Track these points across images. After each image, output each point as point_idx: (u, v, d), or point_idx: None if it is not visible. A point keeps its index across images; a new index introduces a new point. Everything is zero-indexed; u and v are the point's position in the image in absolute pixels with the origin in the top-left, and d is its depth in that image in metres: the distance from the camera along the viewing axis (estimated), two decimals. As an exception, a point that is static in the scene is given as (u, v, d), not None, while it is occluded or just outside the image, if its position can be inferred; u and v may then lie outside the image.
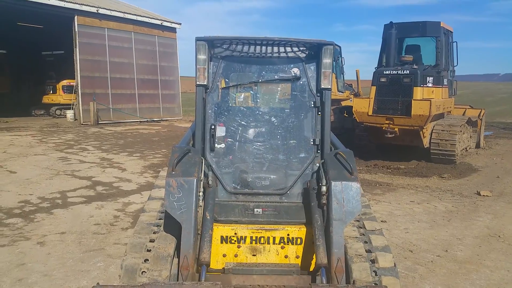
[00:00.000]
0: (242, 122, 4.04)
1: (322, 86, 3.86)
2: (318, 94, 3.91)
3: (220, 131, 4.01)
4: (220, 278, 3.37)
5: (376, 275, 3.45)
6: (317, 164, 3.83)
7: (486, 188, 8.93)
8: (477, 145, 14.49)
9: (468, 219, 6.85)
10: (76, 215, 6.60)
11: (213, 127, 3.83)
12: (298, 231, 3.64)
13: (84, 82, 20.77)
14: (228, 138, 4.03)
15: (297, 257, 3.65)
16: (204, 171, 3.72)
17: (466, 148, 13.18)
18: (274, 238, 3.64)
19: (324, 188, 3.51)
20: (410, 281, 4.58)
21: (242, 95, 4.23)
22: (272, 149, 4.05)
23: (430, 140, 11.61)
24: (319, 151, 3.89)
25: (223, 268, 3.47)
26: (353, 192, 3.46)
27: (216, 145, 3.91)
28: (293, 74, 3.96)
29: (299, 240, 3.65)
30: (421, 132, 11.30)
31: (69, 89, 22.81)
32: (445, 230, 6.29)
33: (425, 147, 11.66)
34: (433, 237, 5.98)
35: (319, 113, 3.91)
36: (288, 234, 3.63)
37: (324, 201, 3.48)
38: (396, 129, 11.48)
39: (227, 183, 3.87)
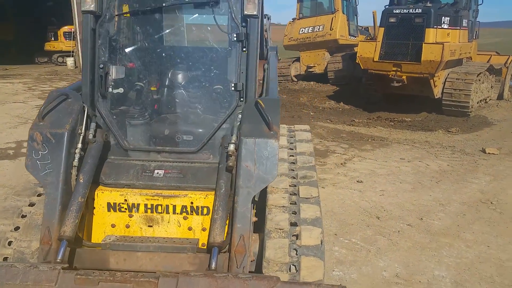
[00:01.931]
0: (146, 62, 3.23)
1: (246, 12, 2.95)
2: (244, 24, 3.00)
3: (117, 73, 3.21)
4: (92, 255, 2.74)
5: (296, 254, 2.74)
6: (240, 116, 3.02)
7: (495, 145, 7.87)
8: (500, 96, 13.02)
9: (461, 181, 5.95)
10: (21, 167, 6.10)
11: (101, 66, 3.03)
12: (204, 199, 2.92)
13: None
14: (126, 81, 3.25)
15: (203, 229, 2.95)
16: (93, 122, 2.97)
17: (485, 100, 11.85)
18: (174, 206, 2.95)
19: (231, 147, 2.73)
20: (362, 256, 3.86)
21: (146, 27, 3.37)
22: (183, 97, 3.27)
23: (442, 89, 10.38)
24: (242, 99, 3.05)
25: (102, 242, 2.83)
26: (268, 153, 2.68)
27: (111, 89, 3.14)
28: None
29: (205, 209, 2.95)
30: (431, 80, 10.08)
31: (70, 36, 22.06)
32: (429, 194, 5.44)
33: (436, 97, 10.48)
34: (412, 201, 5.16)
35: (244, 49, 3.02)
36: (192, 203, 2.93)
37: (231, 163, 2.71)
38: (404, 77, 10.29)
39: (123, 137, 3.13)
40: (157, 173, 3.05)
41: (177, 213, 2.98)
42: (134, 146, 3.18)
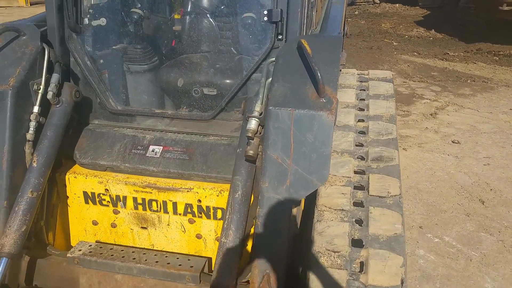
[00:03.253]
0: None
1: None
2: None
3: (97, -4, 2.14)
4: (58, 270, 1.92)
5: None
6: (271, 68, 1.85)
7: None
8: None
9: None
10: None
11: None
12: (218, 197, 1.89)
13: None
14: (116, 7, 2.20)
15: (218, 239, 1.97)
16: (56, 73, 1.99)
17: None
18: (174, 204, 1.99)
19: (252, 123, 1.61)
20: (460, 267, 2.66)
21: None
22: (212, 29, 2.19)
23: None
24: (280, 37, 1.86)
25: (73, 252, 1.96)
26: (315, 136, 1.54)
27: (88, 20, 2.10)
28: None
29: (219, 212, 1.93)
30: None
31: None
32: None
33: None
34: (532, 177, 3.69)
35: None
36: (199, 201, 1.93)
37: (251, 151, 1.62)
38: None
39: (108, 94, 2.14)
40: (153, 150, 2.05)
41: (180, 214, 2.01)
42: (124, 108, 2.18)
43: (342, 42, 1.77)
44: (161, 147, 2.06)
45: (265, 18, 1.87)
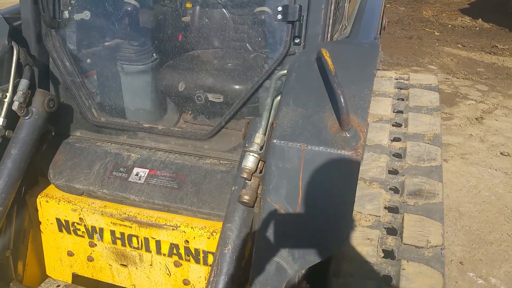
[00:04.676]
0: None
1: None
2: None
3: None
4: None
5: None
6: (281, 82, 1.45)
7: None
8: None
9: None
10: None
11: None
12: (209, 239, 1.52)
13: None
14: (99, 2, 1.84)
15: None
16: (24, 78, 1.65)
17: None
18: (158, 243, 1.62)
19: (249, 159, 1.20)
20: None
21: None
22: (226, 22, 1.96)
23: None
24: (297, 40, 1.43)
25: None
26: (333, 186, 1.10)
27: (68, 14, 1.75)
28: None
29: (210, 256, 1.55)
30: None
31: None
32: None
33: None
34: None
35: None
36: (186, 241, 1.56)
37: (247, 196, 1.21)
38: None
39: (90, 102, 1.79)
40: (137, 174, 1.69)
41: (164, 255, 1.65)
42: (107, 120, 1.82)
43: (379, 49, 1.32)
44: (147, 171, 1.69)
45: (279, 16, 1.45)
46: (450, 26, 8.73)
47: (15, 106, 1.60)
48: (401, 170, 1.89)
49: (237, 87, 1.82)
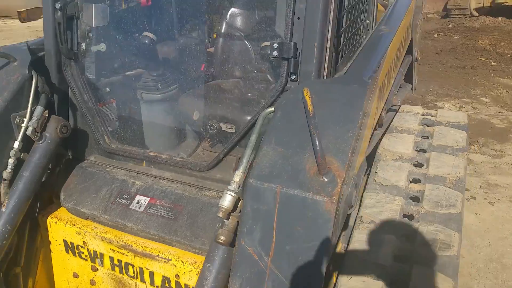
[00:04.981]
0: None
1: None
2: None
3: (99, 16, 1.88)
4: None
5: None
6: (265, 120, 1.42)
7: None
8: None
9: None
10: None
11: (58, 5, 1.74)
12: (198, 275, 1.48)
13: None
14: (117, 35, 1.93)
15: None
16: (40, 105, 1.76)
17: None
18: (151, 274, 1.61)
19: (226, 199, 1.17)
20: None
21: None
22: (224, 58, 1.91)
23: None
24: (294, 77, 1.40)
25: None
26: (307, 233, 1.06)
27: (85, 46, 1.85)
28: None
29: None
30: None
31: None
32: None
33: None
34: None
35: None
36: (177, 276, 1.54)
37: (223, 237, 1.17)
38: None
39: (103, 129, 1.86)
40: (138, 202, 1.71)
41: (157, 287, 1.63)
42: (118, 146, 1.88)
43: (367, 91, 1.24)
44: (148, 199, 1.70)
45: (275, 53, 1.42)
46: (508, 56, 8.20)
47: (29, 131, 1.69)
48: (417, 216, 1.75)
49: (248, 118, 1.81)
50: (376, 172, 1.93)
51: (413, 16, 2.55)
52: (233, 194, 1.19)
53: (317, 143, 1.03)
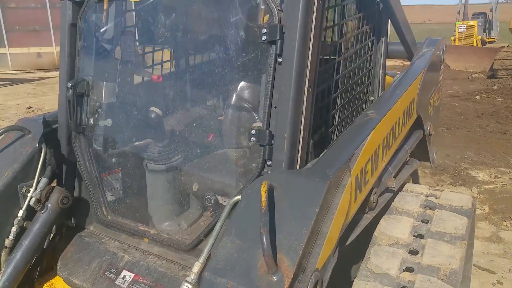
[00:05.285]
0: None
1: None
2: (281, 9, 1.40)
3: (108, 94, 2.06)
4: None
5: None
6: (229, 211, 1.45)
7: None
8: None
9: None
10: None
11: (70, 84, 1.94)
12: None
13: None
14: (118, 110, 2.09)
15: None
16: (45, 177, 1.90)
17: None
18: None
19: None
20: None
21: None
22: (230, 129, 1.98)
23: None
24: (269, 162, 1.46)
25: None
26: None
27: (93, 121, 2.02)
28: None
29: None
30: None
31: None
32: None
33: None
34: None
35: (280, 59, 1.40)
36: None
37: None
38: None
39: (101, 200, 1.97)
40: (123, 277, 1.75)
41: None
42: (112, 218, 1.97)
43: (327, 186, 1.24)
44: (133, 275, 1.74)
45: (253, 139, 1.49)
46: (557, 123, 7.79)
47: (32, 202, 1.82)
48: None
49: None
50: (369, 258, 1.87)
51: (422, 92, 2.53)
52: (190, 287, 1.21)
53: (265, 242, 1.04)
